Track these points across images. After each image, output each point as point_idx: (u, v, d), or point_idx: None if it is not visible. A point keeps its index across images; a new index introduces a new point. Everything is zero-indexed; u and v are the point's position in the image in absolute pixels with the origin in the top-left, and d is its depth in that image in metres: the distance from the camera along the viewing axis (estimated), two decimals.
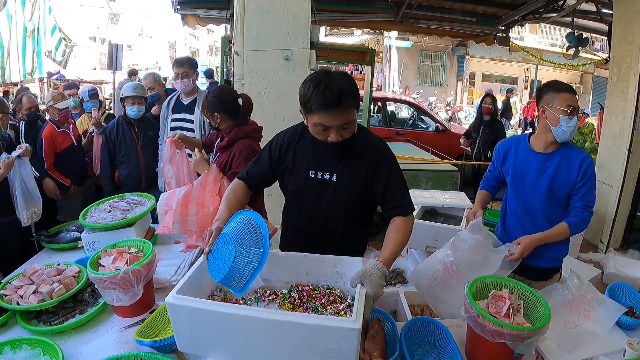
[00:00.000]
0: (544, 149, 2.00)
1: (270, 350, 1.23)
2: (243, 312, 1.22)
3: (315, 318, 1.23)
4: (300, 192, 1.67)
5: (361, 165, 1.61)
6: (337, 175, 1.61)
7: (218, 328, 1.26)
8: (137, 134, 3.37)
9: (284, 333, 1.19)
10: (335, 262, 1.53)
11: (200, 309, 1.25)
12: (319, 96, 1.41)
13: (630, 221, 4.05)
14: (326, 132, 1.48)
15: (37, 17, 7.63)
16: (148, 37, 26.72)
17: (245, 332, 1.23)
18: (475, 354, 1.53)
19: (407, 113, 8.51)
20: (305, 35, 3.22)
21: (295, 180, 1.67)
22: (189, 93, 3.20)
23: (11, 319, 1.68)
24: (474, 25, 6.37)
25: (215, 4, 5.90)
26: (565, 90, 1.93)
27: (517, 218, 2.13)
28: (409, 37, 17.40)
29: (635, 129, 3.77)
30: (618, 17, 3.91)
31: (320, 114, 1.44)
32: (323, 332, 1.15)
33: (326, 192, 1.63)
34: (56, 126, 3.37)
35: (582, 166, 1.91)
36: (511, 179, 2.11)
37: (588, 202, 1.93)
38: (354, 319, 1.17)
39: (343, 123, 1.46)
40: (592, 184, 1.93)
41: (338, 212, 1.66)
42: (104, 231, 2.22)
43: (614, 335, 1.72)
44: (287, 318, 1.21)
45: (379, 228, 5.00)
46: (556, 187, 1.96)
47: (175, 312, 1.28)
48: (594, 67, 16.92)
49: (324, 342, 1.16)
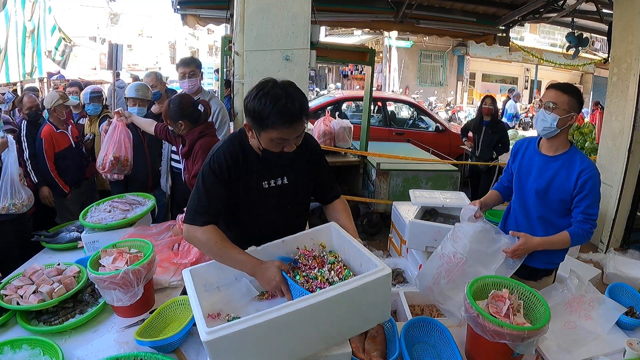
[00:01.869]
0: (549, 151, 2.00)
1: (318, 329, 1.27)
2: (291, 308, 1.18)
3: (353, 281, 1.29)
4: (259, 203, 1.63)
5: (301, 161, 1.65)
6: (287, 177, 1.64)
7: (268, 337, 1.19)
8: (143, 134, 3.37)
9: (331, 308, 1.25)
10: (311, 235, 1.62)
11: (249, 328, 1.14)
12: (281, 112, 1.38)
13: (630, 221, 4.05)
14: (282, 144, 1.47)
15: (37, 17, 7.62)
16: (148, 37, 26.73)
17: (294, 326, 1.22)
18: (475, 354, 1.53)
19: (407, 113, 8.51)
20: (305, 35, 3.22)
21: (250, 194, 1.60)
22: (194, 93, 3.21)
23: (11, 319, 1.68)
24: (474, 25, 6.36)
25: (215, 4, 5.89)
26: (548, 87, 2.00)
27: (515, 214, 2.15)
28: (409, 37, 17.41)
29: (635, 129, 3.77)
30: (618, 17, 3.91)
31: (281, 129, 1.41)
32: (364, 289, 1.27)
33: (283, 196, 1.65)
34: (54, 127, 3.37)
35: (580, 177, 1.87)
36: (516, 177, 2.12)
37: (590, 215, 1.89)
38: (381, 266, 1.31)
39: (299, 134, 1.48)
40: (594, 198, 1.88)
41: (296, 210, 1.71)
42: (104, 231, 2.22)
43: (614, 335, 1.72)
44: (331, 293, 1.24)
45: (379, 228, 5.02)
46: (551, 190, 1.95)
47: (221, 347, 1.14)
48: (594, 67, 16.91)
49: (365, 297, 1.30)
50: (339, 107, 7.55)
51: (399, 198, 4.43)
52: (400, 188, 4.71)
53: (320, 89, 18.79)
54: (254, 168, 1.57)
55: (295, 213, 1.73)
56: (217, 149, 1.58)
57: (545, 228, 2.00)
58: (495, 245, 1.87)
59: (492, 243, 1.88)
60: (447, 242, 1.93)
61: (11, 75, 6.99)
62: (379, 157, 4.94)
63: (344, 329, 1.34)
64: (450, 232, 1.96)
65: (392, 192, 4.71)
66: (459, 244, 1.87)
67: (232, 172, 1.54)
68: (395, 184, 4.73)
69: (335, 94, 8.72)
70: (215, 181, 1.53)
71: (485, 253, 1.86)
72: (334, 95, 8.64)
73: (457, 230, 1.93)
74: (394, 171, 4.72)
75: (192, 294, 1.32)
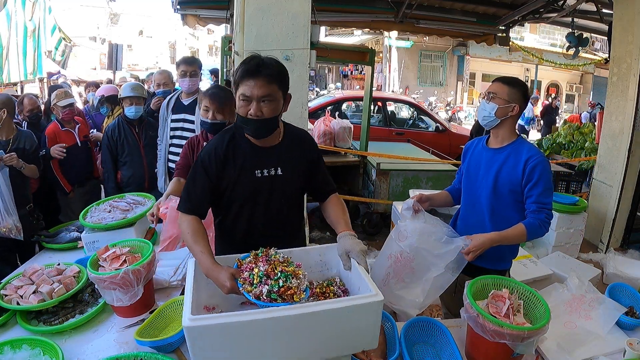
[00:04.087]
0: (495, 144, 1.99)
1: (301, 343, 1.25)
2: (274, 314, 1.18)
3: (342, 301, 1.28)
4: (253, 193, 1.65)
5: (296, 154, 1.69)
6: (281, 169, 1.66)
7: (248, 337, 1.19)
8: (139, 134, 3.37)
9: (315, 323, 1.23)
10: (319, 251, 1.61)
11: (228, 324, 1.16)
12: (242, 66, 1.51)
13: (630, 221, 4.04)
14: (248, 105, 1.51)
15: (37, 17, 7.63)
16: (148, 37, 26.75)
17: (275, 333, 1.21)
18: (475, 354, 1.53)
19: (407, 113, 8.51)
20: (305, 35, 3.22)
21: (244, 184, 1.63)
22: (190, 93, 3.20)
23: (11, 319, 1.68)
24: (474, 25, 6.35)
25: (215, 4, 5.89)
26: (493, 81, 2.01)
27: (465, 216, 2.11)
28: (409, 37, 17.41)
29: (635, 129, 3.76)
30: (618, 17, 3.91)
31: (242, 82, 1.50)
32: (352, 312, 1.24)
33: (276, 186, 1.66)
34: (60, 125, 3.40)
35: (527, 165, 1.83)
36: (465, 177, 2.10)
37: (544, 204, 1.83)
38: (374, 292, 1.27)
39: (262, 95, 1.49)
40: (545, 186, 1.83)
41: (288, 203, 1.72)
42: (104, 231, 2.22)
43: (614, 335, 1.72)
44: (318, 308, 1.22)
45: (379, 228, 5.03)
46: (500, 182, 1.91)
47: (199, 335, 1.16)
48: (594, 67, 16.92)
49: (353, 320, 1.26)
50: (339, 107, 7.56)
51: (399, 198, 4.43)
52: (400, 188, 4.72)
53: (320, 89, 18.79)
54: (247, 157, 1.62)
55: (290, 207, 1.74)
56: (210, 141, 1.68)
57: (498, 226, 1.91)
58: (443, 239, 1.78)
59: (438, 239, 1.78)
60: (393, 241, 1.86)
61: (12, 75, 6.99)
62: (379, 157, 4.94)
63: (326, 347, 1.30)
64: (394, 231, 1.88)
65: (392, 192, 4.72)
66: (405, 242, 1.80)
67: (219, 166, 1.60)
68: (395, 184, 4.73)
69: (335, 94, 8.73)
70: (201, 172, 1.61)
71: (433, 249, 1.77)
72: (334, 95, 8.65)
73: (402, 230, 1.85)
74: (394, 171, 4.72)
75: (189, 282, 1.36)
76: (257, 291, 1.31)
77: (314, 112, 6.74)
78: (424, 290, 1.73)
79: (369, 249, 4.60)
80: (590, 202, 4.09)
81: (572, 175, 5.50)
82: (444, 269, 1.73)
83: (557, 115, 13.46)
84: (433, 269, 1.74)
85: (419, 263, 1.76)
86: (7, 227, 2.57)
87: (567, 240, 3.48)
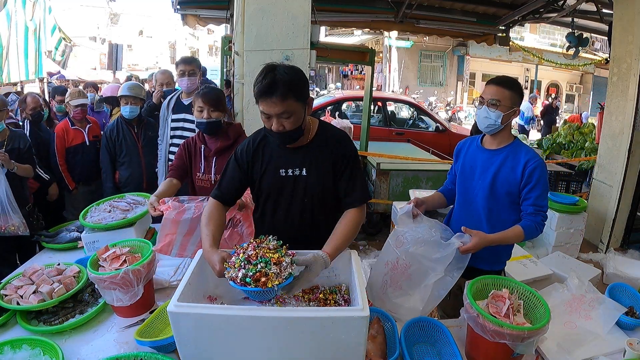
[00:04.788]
0: (492, 145, 1.98)
1: (281, 348, 1.25)
2: (254, 313, 1.20)
3: (325, 311, 1.26)
4: (275, 191, 1.71)
5: (326, 158, 1.67)
6: (306, 170, 1.66)
7: (226, 332, 1.23)
8: (138, 135, 3.37)
9: (295, 329, 1.21)
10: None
11: (207, 315, 1.22)
12: (258, 85, 1.52)
13: (630, 221, 4.04)
14: (269, 120, 1.55)
15: (37, 17, 7.62)
16: (148, 37, 26.74)
17: (254, 333, 1.22)
18: (475, 354, 1.53)
19: (407, 113, 8.51)
20: (305, 35, 3.22)
21: (268, 181, 1.70)
22: (190, 93, 3.20)
23: (11, 319, 1.68)
24: (474, 25, 6.36)
25: (215, 4, 5.89)
26: (488, 83, 1.99)
27: (459, 216, 2.09)
28: (409, 37, 17.41)
29: (635, 129, 3.76)
30: (618, 17, 3.91)
31: (259, 101, 1.53)
32: (333, 323, 1.19)
33: (299, 187, 1.68)
34: (71, 123, 3.47)
35: (527, 168, 1.84)
36: (459, 177, 2.09)
37: (541, 207, 1.85)
38: (361, 307, 1.23)
39: (280, 112, 1.51)
40: (543, 188, 1.85)
41: (312, 205, 1.70)
42: (104, 231, 2.21)
43: (614, 335, 1.72)
44: (297, 314, 1.23)
45: (379, 228, 5.03)
46: (498, 183, 1.91)
47: (179, 321, 1.24)
48: (594, 67, 16.91)
49: (334, 333, 1.20)
50: (339, 107, 7.56)
51: (399, 198, 4.43)
52: (400, 188, 4.71)
53: (320, 89, 18.80)
54: (273, 155, 1.68)
55: (314, 209, 1.70)
56: (246, 139, 1.78)
57: (493, 226, 1.92)
58: (441, 244, 1.75)
59: (436, 243, 1.76)
60: (390, 248, 1.82)
61: (12, 75, 6.99)
62: (379, 157, 4.94)
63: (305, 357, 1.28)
64: (391, 237, 1.85)
65: (392, 192, 4.72)
66: (402, 249, 1.78)
67: (249, 158, 1.70)
68: (395, 184, 4.73)
69: (335, 94, 8.74)
70: (234, 162, 1.73)
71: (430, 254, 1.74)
72: (334, 95, 8.65)
73: (399, 235, 1.82)
74: (394, 171, 4.72)
75: (189, 271, 1.41)
76: (234, 274, 1.32)
77: (314, 112, 6.74)
78: (423, 298, 1.70)
79: (369, 249, 4.60)
80: (590, 202, 4.09)
81: (572, 175, 5.50)
82: (444, 273, 1.72)
83: (557, 115, 13.44)
84: (432, 274, 1.71)
85: (416, 269, 1.73)
86: (14, 225, 2.61)
87: (567, 240, 3.48)
